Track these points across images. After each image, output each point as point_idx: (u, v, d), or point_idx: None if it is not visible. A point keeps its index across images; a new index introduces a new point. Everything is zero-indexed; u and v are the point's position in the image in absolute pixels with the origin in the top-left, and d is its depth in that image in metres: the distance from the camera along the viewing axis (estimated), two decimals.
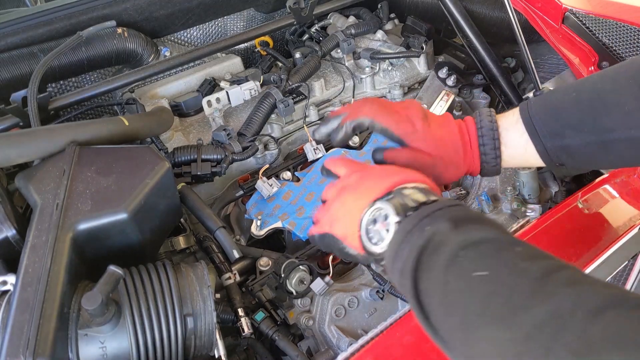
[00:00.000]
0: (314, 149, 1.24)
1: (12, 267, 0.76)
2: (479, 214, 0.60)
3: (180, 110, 1.30)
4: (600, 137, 0.67)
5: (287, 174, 1.21)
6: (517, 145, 0.74)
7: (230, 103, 1.28)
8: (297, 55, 1.43)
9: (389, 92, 1.42)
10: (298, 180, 1.21)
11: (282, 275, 0.95)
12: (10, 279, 0.72)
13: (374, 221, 0.59)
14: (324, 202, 0.72)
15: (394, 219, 0.56)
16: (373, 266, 0.82)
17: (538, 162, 0.74)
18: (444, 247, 0.50)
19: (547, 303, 0.42)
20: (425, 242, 0.52)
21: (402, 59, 1.43)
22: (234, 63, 1.41)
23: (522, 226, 1.02)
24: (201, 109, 1.29)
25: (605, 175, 1.06)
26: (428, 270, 0.51)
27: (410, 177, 0.60)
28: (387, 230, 0.57)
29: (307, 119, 1.33)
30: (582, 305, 0.40)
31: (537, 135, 0.71)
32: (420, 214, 0.54)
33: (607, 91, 0.69)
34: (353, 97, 1.41)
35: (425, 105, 1.33)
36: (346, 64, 1.42)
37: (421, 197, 0.57)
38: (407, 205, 0.56)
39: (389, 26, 1.61)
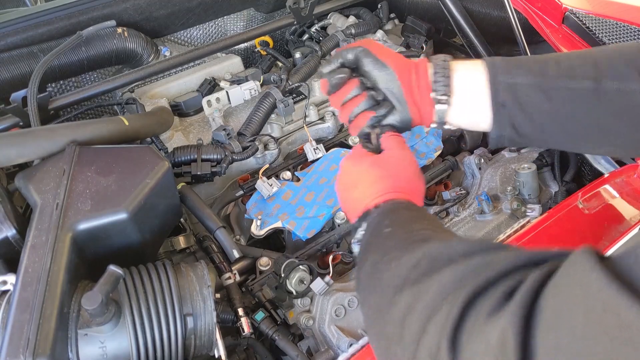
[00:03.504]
0: (314, 149, 1.24)
1: (12, 266, 0.76)
2: (410, 205, 0.72)
3: (180, 110, 1.30)
4: (543, 80, 0.73)
5: (287, 174, 1.21)
6: (470, 76, 0.77)
7: (230, 103, 1.28)
8: (297, 55, 1.43)
9: None
10: (298, 180, 1.21)
11: (282, 275, 0.95)
12: (10, 278, 0.72)
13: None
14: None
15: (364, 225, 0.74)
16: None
17: (484, 98, 0.75)
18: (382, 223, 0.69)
19: (410, 251, 0.58)
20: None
21: None
22: (234, 63, 1.41)
23: (522, 226, 1.02)
24: (201, 109, 1.29)
25: (606, 176, 1.06)
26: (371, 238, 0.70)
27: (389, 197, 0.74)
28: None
29: (307, 119, 1.33)
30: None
31: (494, 68, 0.75)
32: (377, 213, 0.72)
33: (561, 53, 0.78)
34: None
35: None
36: None
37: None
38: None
39: (389, 26, 1.62)
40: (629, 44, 0.76)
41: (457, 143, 1.38)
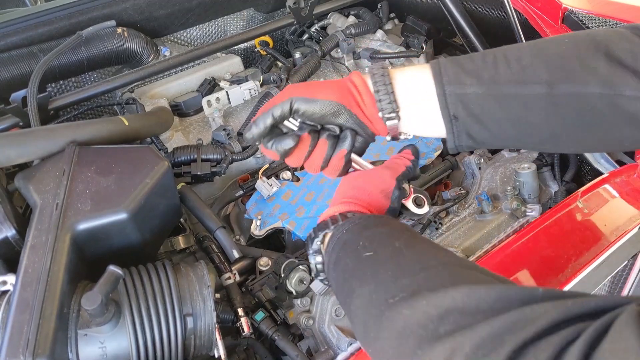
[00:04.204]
0: None
1: (12, 267, 0.76)
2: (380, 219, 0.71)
3: (180, 110, 1.30)
4: (494, 87, 0.67)
5: (287, 174, 1.21)
6: (416, 87, 0.72)
7: (230, 103, 1.28)
8: (297, 55, 1.43)
9: None
10: (298, 180, 1.21)
11: (282, 275, 0.95)
12: (10, 278, 0.72)
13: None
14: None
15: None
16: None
17: (435, 110, 0.70)
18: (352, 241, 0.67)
19: (401, 274, 0.58)
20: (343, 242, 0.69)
21: (402, 58, 1.43)
22: (234, 63, 1.41)
23: (522, 226, 1.02)
24: (201, 109, 1.29)
25: (605, 175, 1.06)
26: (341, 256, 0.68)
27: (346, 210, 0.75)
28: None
29: None
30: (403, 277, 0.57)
31: (441, 77, 0.69)
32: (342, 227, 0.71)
33: (512, 48, 0.71)
34: None
35: None
36: (346, 64, 1.42)
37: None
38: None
39: (388, 26, 1.62)
40: (583, 36, 0.69)
41: None
